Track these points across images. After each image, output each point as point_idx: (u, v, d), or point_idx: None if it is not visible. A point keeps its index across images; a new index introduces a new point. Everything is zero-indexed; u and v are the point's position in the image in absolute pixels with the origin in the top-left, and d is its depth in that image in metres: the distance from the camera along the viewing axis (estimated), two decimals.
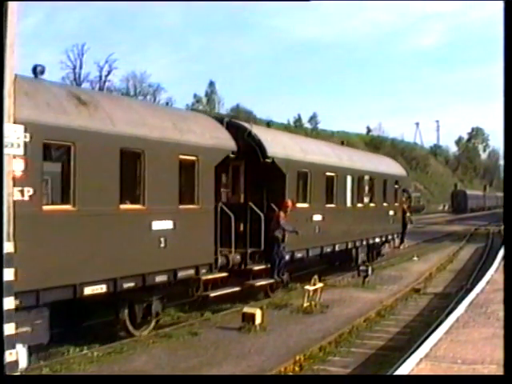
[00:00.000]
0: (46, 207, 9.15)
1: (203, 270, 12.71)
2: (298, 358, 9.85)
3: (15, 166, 7.69)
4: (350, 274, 20.14)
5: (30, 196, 8.65)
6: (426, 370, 8.04)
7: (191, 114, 17.19)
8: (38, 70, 9.77)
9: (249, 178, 15.69)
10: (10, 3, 7.23)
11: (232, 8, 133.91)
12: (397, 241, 26.26)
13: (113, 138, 10.31)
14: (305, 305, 14.41)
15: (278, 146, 15.93)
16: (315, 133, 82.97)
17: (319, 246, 17.58)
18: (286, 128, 70.44)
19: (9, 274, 7.15)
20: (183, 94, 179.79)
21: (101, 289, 10.08)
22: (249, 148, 14.67)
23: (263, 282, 14.96)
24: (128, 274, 10.61)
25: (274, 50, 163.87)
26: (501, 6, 5.92)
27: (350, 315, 13.91)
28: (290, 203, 15.35)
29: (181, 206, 11.92)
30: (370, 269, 19.02)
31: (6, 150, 7.23)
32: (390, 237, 24.53)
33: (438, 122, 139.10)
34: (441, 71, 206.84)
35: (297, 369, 9.48)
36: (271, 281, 15.17)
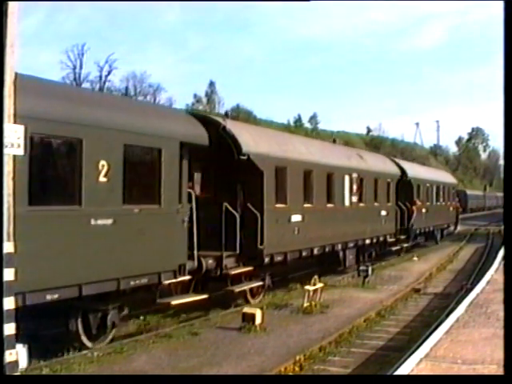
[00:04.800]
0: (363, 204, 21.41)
1: (391, 236, 24.76)
2: (298, 358, 9.85)
3: (356, 185, 20.23)
4: (350, 274, 20.17)
5: (357, 199, 20.47)
6: (426, 370, 8.03)
7: (382, 156, 30.70)
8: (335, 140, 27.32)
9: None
10: (10, 3, 7.24)
11: (232, 8, 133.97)
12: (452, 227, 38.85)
13: (373, 174, 22.68)
14: (305, 305, 14.42)
15: (410, 170, 28.65)
16: (315, 133, 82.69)
17: (423, 227, 29.62)
18: (286, 128, 70.38)
19: (9, 274, 7.14)
20: (183, 94, 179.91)
21: (352, 245, 20.25)
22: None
23: (405, 245, 26.91)
24: (369, 236, 21.85)
25: (274, 50, 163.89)
26: (501, 6, 5.91)
27: (350, 315, 13.92)
28: (418, 202, 27.73)
29: (387, 204, 24.21)
30: (369, 269, 19.05)
31: (5, 150, 7.23)
32: (450, 224, 37.68)
33: (437, 122, 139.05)
34: (441, 71, 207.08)
35: (297, 369, 9.48)
36: (408, 244, 27.38)
